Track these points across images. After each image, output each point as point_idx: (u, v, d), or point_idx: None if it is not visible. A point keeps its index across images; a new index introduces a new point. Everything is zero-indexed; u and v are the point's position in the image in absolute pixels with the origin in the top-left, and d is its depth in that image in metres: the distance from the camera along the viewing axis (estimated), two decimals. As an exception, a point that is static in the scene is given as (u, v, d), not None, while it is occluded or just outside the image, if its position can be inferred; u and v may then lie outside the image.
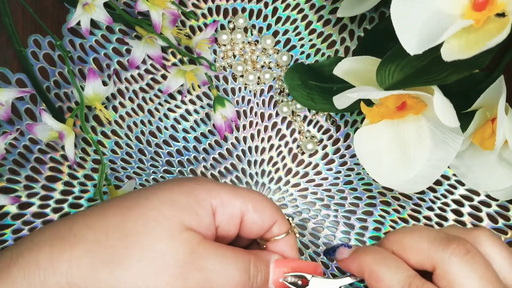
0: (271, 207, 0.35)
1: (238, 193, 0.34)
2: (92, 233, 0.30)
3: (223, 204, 0.33)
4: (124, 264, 0.29)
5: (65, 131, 0.43)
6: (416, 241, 0.32)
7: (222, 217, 0.33)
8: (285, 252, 0.36)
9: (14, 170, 0.48)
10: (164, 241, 0.30)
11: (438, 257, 0.31)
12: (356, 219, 0.49)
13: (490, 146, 0.41)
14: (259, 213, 0.34)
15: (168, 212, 0.31)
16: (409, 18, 0.35)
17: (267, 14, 0.51)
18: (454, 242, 0.31)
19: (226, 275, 0.31)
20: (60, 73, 0.49)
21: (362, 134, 0.43)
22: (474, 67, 0.37)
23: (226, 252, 0.32)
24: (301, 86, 0.48)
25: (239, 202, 0.34)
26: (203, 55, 0.47)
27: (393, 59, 0.39)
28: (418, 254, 0.32)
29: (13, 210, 0.48)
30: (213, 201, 0.33)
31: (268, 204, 0.35)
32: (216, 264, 0.31)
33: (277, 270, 0.34)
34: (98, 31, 0.50)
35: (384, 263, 0.32)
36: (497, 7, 0.34)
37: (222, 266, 0.31)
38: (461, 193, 0.49)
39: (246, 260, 0.32)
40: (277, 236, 0.35)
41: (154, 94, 0.50)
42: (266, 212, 0.35)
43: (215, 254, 0.31)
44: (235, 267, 0.32)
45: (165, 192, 0.32)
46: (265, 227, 0.35)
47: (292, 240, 0.36)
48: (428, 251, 0.31)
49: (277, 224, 0.35)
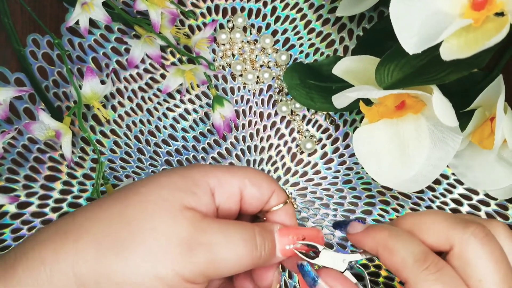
0: (267, 179, 0.36)
1: (233, 171, 0.35)
2: (94, 224, 0.30)
3: (220, 183, 0.34)
4: (130, 249, 0.29)
5: (62, 130, 0.43)
6: (434, 221, 0.32)
7: (221, 196, 0.34)
8: (284, 222, 0.36)
9: (13, 170, 0.48)
10: (166, 222, 0.30)
11: (456, 236, 0.31)
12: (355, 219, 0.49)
13: (489, 145, 0.41)
14: (257, 187, 0.35)
15: (167, 194, 0.31)
16: (408, 18, 0.35)
17: (266, 13, 0.51)
18: (473, 224, 0.31)
19: (231, 247, 0.31)
20: (59, 72, 0.49)
21: (361, 134, 0.43)
22: (473, 66, 0.37)
23: (229, 225, 0.32)
24: (300, 85, 0.48)
25: (235, 179, 0.34)
26: (202, 55, 0.47)
27: (392, 59, 0.39)
28: (436, 234, 0.32)
29: (12, 210, 0.48)
30: (210, 181, 0.33)
31: (263, 176, 0.36)
32: (220, 237, 0.31)
33: (282, 239, 0.34)
34: (97, 31, 0.50)
35: (399, 238, 0.32)
36: (496, 7, 0.34)
37: (227, 239, 0.31)
38: (460, 192, 0.49)
39: (251, 230, 0.33)
40: (275, 207, 0.36)
41: (153, 94, 0.50)
42: (263, 185, 0.35)
43: (218, 228, 0.31)
44: (240, 238, 0.32)
45: (162, 178, 0.32)
46: (264, 199, 0.35)
47: (290, 209, 0.37)
48: (447, 230, 0.31)
49: (275, 195, 0.36)
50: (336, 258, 0.35)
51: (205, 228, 0.31)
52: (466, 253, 0.30)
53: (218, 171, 0.34)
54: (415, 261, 0.30)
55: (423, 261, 0.30)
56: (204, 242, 0.30)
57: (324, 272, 0.34)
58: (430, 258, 0.30)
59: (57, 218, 0.48)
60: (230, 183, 0.34)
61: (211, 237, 0.31)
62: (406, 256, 0.31)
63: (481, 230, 0.30)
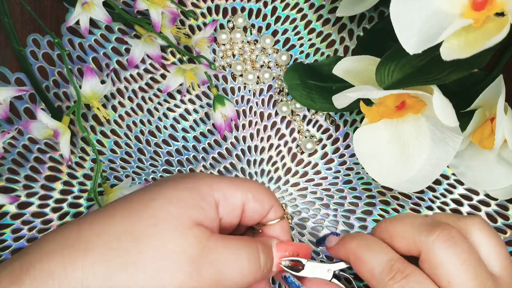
0: (268, 194, 0.36)
1: (237, 185, 0.35)
2: (102, 239, 0.30)
3: (225, 196, 0.34)
4: (138, 266, 0.30)
5: (60, 129, 0.42)
6: (402, 227, 0.33)
7: (225, 209, 0.34)
8: (279, 236, 0.37)
9: (13, 170, 0.48)
10: (175, 240, 0.30)
11: (422, 242, 0.31)
12: (355, 219, 0.49)
13: (489, 146, 0.41)
14: (259, 202, 0.35)
15: (176, 210, 0.31)
16: (408, 17, 0.35)
17: (267, 13, 0.51)
18: (438, 228, 0.32)
19: (238, 265, 0.32)
20: (59, 72, 0.49)
21: (362, 134, 0.43)
22: (473, 66, 0.36)
23: (235, 243, 0.33)
24: (301, 85, 0.48)
25: (239, 193, 0.35)
26: (202, 54, 0.47)
27: (393, 59, 0.39)
28: (404, 240, 0.33)
29: (12, 210, 0.48)
30: (215, 194, 0.34)
31: (265, 191, 0.36)
32: (228, 256, 0.32)
33: (278, 254, 0.35)
34: (97, 30, 0.50)
35: (367, 247, 0.33)
36: (496, 7, 0.34)
37: (234, 258, 0.32)
38: (461, 192, 0.49)
39: (255, 248, 0.33)
40: (272, 221, 0.37)
41: (153, 94, 0.50)
42: (265, 199, 0.36)
43: (225, 247, 0.32)
44: (246, 257, 0.32)
45: (170, 190, 0.33)
46: (264, 213, 0.36)
47: (286, 224, 0.38)
48: (414, 237, 0.32)
49: (273, 209, 0.37)
50: (321, 269, 0.36)
51: (212, 247, 0.31)
52: (433, 257, 0.31)
53: (223, 184, 0.34)
54: (381, 271, 0.32)
55: (388, 270, 0.31)
56: (212, 261, 0.31)
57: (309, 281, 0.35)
58: (396, 266, 0.32)
59: (58, 220, 0.48)
60: (234, 197, 0.35)
61: (218, 256, 0.31)
62: (373, 266, 0.32)
63: (446, 233, 0.31)
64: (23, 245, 0.47)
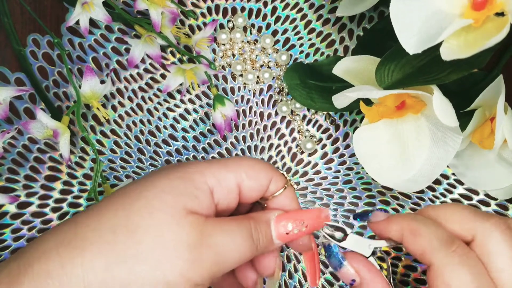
0: (263, 168, 0.35)
1: (230, 166, 0.34)
2: (98, 234, 0.30)
3: (219, 182, 0.34)
4: (138, 258, 0.29)
5: (60, 129, 0.42)
6: (456, 211, 0.33)
7: (220, 194, 0.34)
8: (285, 206, 0.36)
9: (13, 170, 0.48)
10: (172, 229, 0.30)
11: (479, 226, 0.31)
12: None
13: (489, 145, 0.41)
14: (254, 179, 0.35)
15: (170, 199, 0.31)
16: (408, 17, 0.35)
17: (266, 13, 0.51)
18: (495, 216, 0.32)
19: (234, 245, 0.32)
20: (59, 72, 0.49)
21: (361, 134, 0.43)
22: (473, 66, 0.36)
23: (230, 224, 0.32)
24: (300, 85, 0.48)
25: (232, 175, 0.34)
26: (202, 54, 0.47)
27: (392, 59, 0.39)
28: (458, 223, 0.32)
29: (12, 210, 0.48)
30: (208, 181, 0.33)
31: (260, 166, 0.35)
32: (224, 238, 0.31)
33: (279, 225, 0.34)
34: (97, 30, 0.50)
35: (424, 223, 0.33)
36: (496, 7, 0.34)
37: (230, 238, 0.32)
38: (460, 192, 0.49)
39: (247, 226, 0.33)
40: (275, 193, 0.36)
41: (153, 93, 0.50)
42: (261, 175, 0.35)
43: (221, 229, 0.32)
44: (240, 236, 0.32)
45: (163, 180, 0.32)
46: (263, 189, 0.35)
47: (290, 193, 0.37)
48: (469, 221, 0.32)
49: (273, 181, 0.36)
50: (362, 243, 0.35)
51: (209, 231, 0.31)
52: (488, 242, 0.31)
53: (215, 168, 0.34)
54: (442, 244, 0.31)
55: (450, 244, 0.31)
56: (209, 244, 0.31)
57: (349, 255, 0.34)
58: (456, 242, 0.31)
59: (57, 220, 0.48)
60: (228, 180, 0.34)
61: (215, 239, 0.31)
62: (432, 238, 0.31)
63: (503, 222, 0.31)
64: (23, 245, 0.47)
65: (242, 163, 0.35)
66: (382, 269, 0.36)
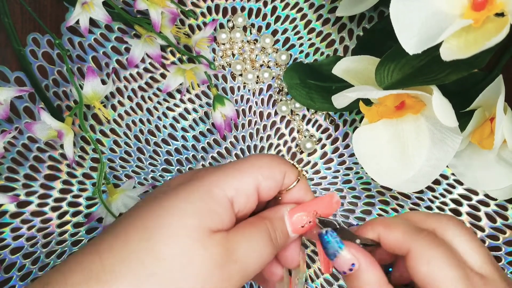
0: (278, 164, 0.35)
1: (246, 172, 0.34)
2: (127, 266, 0.29)
3: (237, 191, 0.33)
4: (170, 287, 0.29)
5: (64, 130, 0.42)
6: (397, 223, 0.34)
7: (240, 203, 0.33)
8: (299, 199, 0.36)
9: (13, 169, 0.48)
10: (200, 253, 0.30)
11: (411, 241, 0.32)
12: (354, 218, 0.49)
13: (488, 146, 0.41)
14: (271, 178, 0.34)
15: (193, 223, 0.31)
16: (408, 18, 0.35)
17: (266, 13, 0.51)
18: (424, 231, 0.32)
19: (256, 252, 0.32)
20: (59, 71, 0.49)
21: (361, 134, 0.43)
22: (473, 66, 0.36)
23: (250, 233, 0.33)
24: (300, 85, 0.48)
25: (250, 180, 0.34)
26: (202, 54, 0.47)
27: (392, 59, 0.39)
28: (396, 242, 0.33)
29: (11, 209, 0.48)
30: (228, 193, 0.33)
31: (275, 164, 0.35)
32: (246, 248, 0.32)
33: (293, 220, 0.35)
34: (97, 30, 0.50)
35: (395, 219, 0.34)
36: (496, 7, 0.34)
37: (252, 247, 0.32)
38: (460, 192, 0.49)
39: (265, 229, 0.33)
40: (289, 186, 0.36)
41: (153, 93, 0.50)
42: (276, 172, 0.35)
43: (241, 241, 0.32)
44: (262, 241, 0.33)
45: (183, 203, 0.32)
46: (279, 185, 0.35)
47: (303, 184, 0.36)
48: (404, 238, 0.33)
49: (286, 175, 0.35)
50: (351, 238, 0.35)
51: (233, 246, 0.31)
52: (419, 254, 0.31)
53: (231, 177, 0.33)
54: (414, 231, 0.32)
55: (420, 231, 0.32)
56: (236, 260, 0.31)
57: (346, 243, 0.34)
58: (424, 230, 0.32)
59: (57, 220, 0.48)
60: (247, 187, 0.34)
61: (239, 252, 0.31)
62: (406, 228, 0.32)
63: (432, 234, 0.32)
64: (22, 244, 0.47)
65: (257, 164, 0.34)
66: None
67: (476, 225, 0.48)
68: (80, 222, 0.48)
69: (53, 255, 0.47)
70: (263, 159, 0.35)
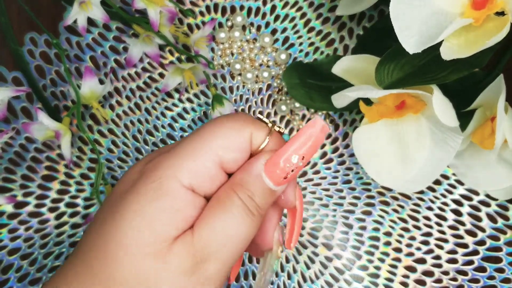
0: (239, 129, 0.30)
1: (200, 149, 0.29)
2: None
3: (196, 175, 0.29)
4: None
5: (62, 130, 0.42)
6: None
7: (202, 186, 0.29)
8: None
9: (10, 169, 0.48)
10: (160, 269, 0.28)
11: None
12: (355, 219, 0.49)
13: (489, 145, 0.40)
14: (233, 150, 0.30)
15: (148, 236, 0.28)
16: (408, 17, 0.35)
17: (266, 12, 0.51)
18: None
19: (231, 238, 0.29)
20: (56, 71, 0.49)
21: (361, 133, 0.43)
22: (473, 66, 0.36)
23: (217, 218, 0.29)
24: (300, 84, 0.48)
25: (207, 157, 0.29)
26: (201, 53, 0.47)
27: (392, 58, 0.39)
28: None
29: (9, 209, 0.47)
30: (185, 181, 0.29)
31: (233, 129, 0.30)
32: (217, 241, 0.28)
33: (272, 172, 0.30)
34: (95, 29, 0.49)
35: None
36: (496, 6, 0.33)
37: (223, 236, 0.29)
38: (461, 192, 0.49)
39: (235, 203, 0.29)
40: (261, 146, 0.31)
41: (151, 93, 0.50)
42: (238, 140, 0.30)
43: (210, 234, 0.28)
44: (233, 223, 0.29)
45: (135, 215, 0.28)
46: (246, 151, 0.30)
47: (276, 139, 0.31)
48: None
49: (254, 136, 0.31)
50: None
51: (201, 244, 0.28)
52: None
53: (187, 161, 0.29)
54: None
55: None
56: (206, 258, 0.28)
57: None
58: None
59: (55, 221, 0.48)
60: (206, 167, 0.29)
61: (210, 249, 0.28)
62: None
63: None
64: (20, 245, 0.47)
65: (213, 136, 0.30)
66: None
67: (477, 226, 0.48)
68: (78, 223, 0.48)
69: (51, 256, 0.47)
70: (220, 127, 0.30)
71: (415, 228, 0.48)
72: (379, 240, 0.48)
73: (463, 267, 0.48)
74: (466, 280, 0.48)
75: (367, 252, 0.48)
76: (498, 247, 0.48)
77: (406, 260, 0.48)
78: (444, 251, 0.48)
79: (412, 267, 0.48)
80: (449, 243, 0.48)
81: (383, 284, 0.48)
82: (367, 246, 0.48)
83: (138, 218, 0.28)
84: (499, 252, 0.48)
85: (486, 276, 0.48)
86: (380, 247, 0.48)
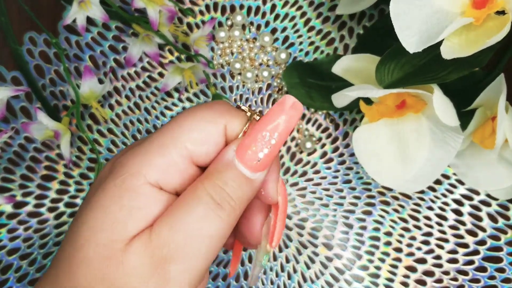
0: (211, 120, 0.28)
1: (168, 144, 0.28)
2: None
3: (163, 171, 0.27)
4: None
5: (61, 130, 0.42)
6: None
7: (172, 183, 0.28)
8: None
9: (9, 169, 0.48)
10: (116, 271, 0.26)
11: None
12: (355, 219, 0.48)
13: (490, 145, 0.40)
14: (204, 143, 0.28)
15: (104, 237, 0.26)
16: (408, 16, 0.35)
17: (266, 11, 0.51)
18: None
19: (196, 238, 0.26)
20: (55, 70, 0.49)
21: (361, 133, 0.42)
22: (474, 65, 0.36)
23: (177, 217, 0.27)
24: (300, 84, 0.48)
25: (175, 152, 0.28)
26: (200, 53, 0.47)
27: (393, 57, 0.39)
28: None
29: (8, 209, 0.47)
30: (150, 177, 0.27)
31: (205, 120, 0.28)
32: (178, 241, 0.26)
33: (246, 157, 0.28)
34: (94, 28, 0.49)
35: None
36: (497, 5, 0.33)
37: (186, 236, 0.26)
38: (461, 192, 0.49)
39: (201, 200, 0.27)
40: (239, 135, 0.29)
41: (151, 92, 0.49)
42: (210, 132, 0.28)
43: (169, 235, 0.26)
44: (198, 221, 0.27)
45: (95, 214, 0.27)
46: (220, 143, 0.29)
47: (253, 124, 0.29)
48: None
49: (229, 126, 0.29)
50: None
51: (158, 244, 0.26)
52: None
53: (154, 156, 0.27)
54: None
55: None
56: (167, 257, 0.26)
57: None
58: None
59: (54, 221, 0.48)
60: (174, 162, 0.28)
61: (169, 247, 0.26)
62: None
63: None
64: (19, 245, 0.47)
65: (183, 128, 0.28)
66: None
67: (478, 225, 0.48)
68: (78, 223, 0.48)
69: (50, 256, 0.47)
70: (189, 119, 0.28)
71: (416, 228, 0.48)
72: (379, 240, 0.48)
73: (463, 267, 0.48)
74: (466, 280, 0.47)
75: (368, 252, 0.48)
76: (499, 247, 0.48)
77: (406, 260, 0.48)
78: (444, 251, 0.48)
79: (412, 267, 0.48)
80: (449, 243, 0.48)
81: (384, 284, 0.48)
82: (368, 246, 0.48)
83: (101, 217, 0.27)
84: (499, 252, 0.48)
85: (486, 276, 0.47)
86: (381, 247, 0.48)
